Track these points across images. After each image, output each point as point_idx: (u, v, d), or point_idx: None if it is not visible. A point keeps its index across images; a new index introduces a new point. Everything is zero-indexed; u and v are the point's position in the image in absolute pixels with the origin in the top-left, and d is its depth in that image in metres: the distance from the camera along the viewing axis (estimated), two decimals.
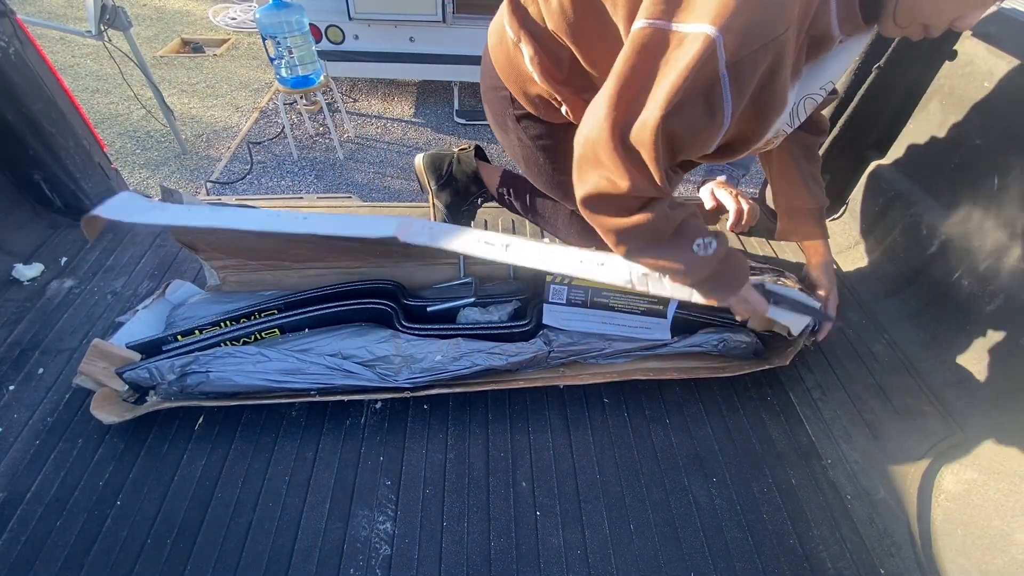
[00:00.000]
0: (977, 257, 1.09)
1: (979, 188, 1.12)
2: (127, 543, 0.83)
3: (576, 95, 0.97)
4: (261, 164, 3.29)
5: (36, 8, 4.96)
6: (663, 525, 0.90)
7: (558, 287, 1.07)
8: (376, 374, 1.00)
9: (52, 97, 1.30)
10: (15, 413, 0.99)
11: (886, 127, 1.37)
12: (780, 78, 0.73)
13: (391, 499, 0.91)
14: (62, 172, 1.33)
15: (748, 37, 0.66)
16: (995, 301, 1.04)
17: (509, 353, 1.04)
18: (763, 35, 0.66)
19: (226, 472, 0.93)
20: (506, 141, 1.19)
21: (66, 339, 1.12)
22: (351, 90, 4.13)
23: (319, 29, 3.29)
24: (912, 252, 1.25)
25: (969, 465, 0.96)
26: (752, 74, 0.70)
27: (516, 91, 1.06)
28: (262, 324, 1.02)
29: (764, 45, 0.67)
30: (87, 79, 3.92)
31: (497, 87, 1.09)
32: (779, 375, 1.16)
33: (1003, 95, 1.07)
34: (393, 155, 3.47)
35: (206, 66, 4.31)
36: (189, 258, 1.33)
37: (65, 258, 1.31)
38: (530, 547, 0.86)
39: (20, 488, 0.89)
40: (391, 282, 1.13)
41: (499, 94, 1.10)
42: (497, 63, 1.06)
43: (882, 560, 0.88)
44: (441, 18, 3.20)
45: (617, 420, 1.05)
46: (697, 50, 0.66)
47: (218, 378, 0.96)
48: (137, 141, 3.38)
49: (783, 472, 0.99)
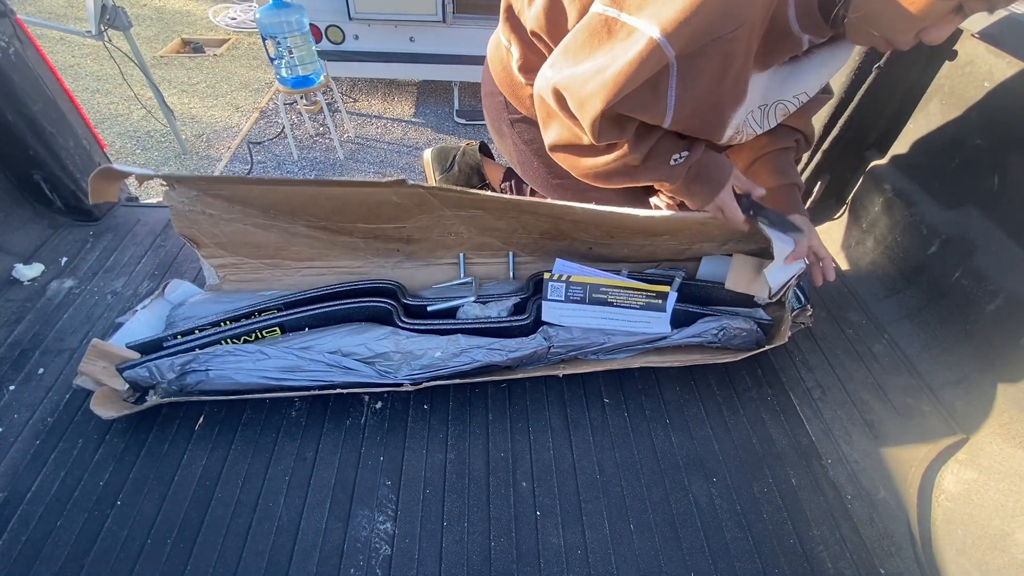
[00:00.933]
0: (977, 257, 1.09)
1: (979, 188, 1.12)
2: (127, 543, 0.83)
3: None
4: (261, 164, 3.29)
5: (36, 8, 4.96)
6: (663, 525, 0.90)
7: (556, 284, 1.08)
8: (376, 371, 1.01)
9: (52, 97, 1.30)
10: (15, 413, 0.99)
11: (886, 127, 1.37)
12: (731, 72, 0.74)
13: (391, 499, 0.91)
14: (62, 172, 1.33)
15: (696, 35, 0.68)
16: (995, 301, 1.04)
17: (509, 349, 1.04)
18: (711, 32, 0.68)
19: (226, 472, 0.93)
20: (502, 145, 1.22)
21: (66, 339, 1.12)
22: (351, 90, 4.13)
23: (319, 29, 3.29)
24: (912, 252, 1.25)
25: (969, 465, 0.96)
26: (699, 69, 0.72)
27: (510, 95, 1.08)
28: (262, 323, 1.02)
29: (713, 41, 0.69)
30: (87, 79, 3.92)
31: (494, 92, 1.12)
32: (779, 375, 1.16)
33: (1003, 95, 1.07)
34: (393, 155, 3.47)
35: (206, 66, 4.31)
36: (189, 258, 1.33)
37: (65, 258, 1.31)
38: (530, 547, 0.86)
39: (20, 488, 0.89)
40: (391, 282, 1.13)
41: (495, 99, 1.13)
42: (493, 69, 1.09)
43: (882, 560, 0.88)
44: (441, 18, 3.20)
45: (617, 420, 1.05)
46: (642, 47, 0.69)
47: (218, 376, 0.96)
48: (137, 141, 3.38)
49: (783, 472, 0.99)
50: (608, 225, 1.06)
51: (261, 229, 1.12)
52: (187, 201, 1.05)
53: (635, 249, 1.17)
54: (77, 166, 1.36)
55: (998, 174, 1.08)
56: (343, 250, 1.19)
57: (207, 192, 1.04)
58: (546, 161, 1.15)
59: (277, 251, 1.17)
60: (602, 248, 1.17)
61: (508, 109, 1.12)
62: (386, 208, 1.07)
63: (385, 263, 1.23)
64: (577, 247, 1.18)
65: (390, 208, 1.07)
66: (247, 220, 1.10)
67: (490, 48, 1.13)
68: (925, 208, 1.23)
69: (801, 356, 1.20)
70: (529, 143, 1.14)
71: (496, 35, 1.09)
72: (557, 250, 1.19)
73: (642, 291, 1.09)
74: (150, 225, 1.43)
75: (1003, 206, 1.07)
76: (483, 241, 1.21)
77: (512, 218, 1.11)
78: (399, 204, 1.06)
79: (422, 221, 1.13)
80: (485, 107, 1.20)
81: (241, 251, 1.16)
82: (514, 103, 1.09)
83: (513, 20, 0.98)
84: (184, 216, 1.07)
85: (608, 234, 1.12)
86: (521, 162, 1.20)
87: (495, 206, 1.07)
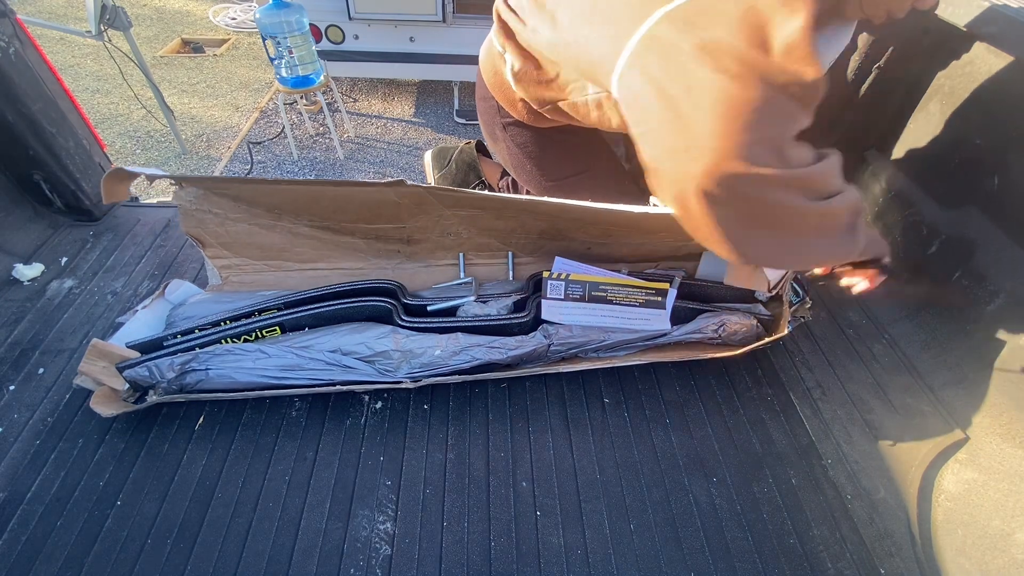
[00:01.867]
0: (977, 257, 1.09)
1: (979, 188, 1.12)
2: (127, 543, 0.83)
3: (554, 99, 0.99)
4: (261, 164, 3.29)
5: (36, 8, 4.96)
6: (663, 525, 0.90)
7: (556, 283, 1.08)
8: (375, 369, 1.01)
9: (52, 97, 1.30)
10: (15, 413, 0.99)
11: (886, 127, 1.37)
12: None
13: (391, 499, 0.91)
14: (62, 172, 1.33)
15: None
16: (995, 301, 1.04)
17: (509, 347, 1.04)
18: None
19: (226, 472, 0.93)
20: (496, 149, 1.23)
21: (66, 339, 1.12)
22: (351, 90, 4.13)
23: (319, 29, 3.29)
24: (912, 252, 1.25)
25: (969, 465, 0.96)
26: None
27: (503, 100, 1.09)
28: (262, 322, 1.02)
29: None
30: (87, 79, 3.92)
31: (486, 97, 1.13)
32: (779, 375, 1.16)
33: (1003, 95, 1.07)
34: (393, 155, 3.47)
35: (206, 66, 4.31)
36: (189, 258, 1.33)
37: (65, 258, 1.31)
38: (530, 547, 0.86)
39: (20, 488, 0.89)
40: (391, 282, 1.13)
41: (488, 104, 1.13)
42: (486, 75, 1.10)
43: (882, 560, 0.88)
44: (441, 18, 3.20)
45: (617, 420, 1.05)
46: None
47: (218, 375, 0.96)
48: (137, 141, 3.38)
49: (783, 472, 0.99)
50: (605, 223, 1.06)
51: (266, 230, 1.13)
52: (194, 200, 1.06)
53: (633, 248, 1.17)
54: (77, 166, 1.36)
55: (998, 174, 1.07)
56: (345, 252, 1.20)
57: (213, 191, 1.05)
58: (539, 163, 1.16)
59: (280, 252, 1.17)
60: (600, 248, 1.17)
61: (501, 113, 1.12)
62: (386, 208, 1.07)
63: (386, 265, 1.23)
64: (575, 247, 1.18)
65: (390, 208, 1.07)
66: (252, 220, 1.11)
67: (482, 53, 1.12)
68: (925, 208, 1.23)
69: (801, 356, 1.20)
70: (522, 146, 1.15)
71: (489, 41, 1.09)
72: (556, 250, 1.19)
73: (642, 288, 1.09)
74: (150, 225, 1.43)
75: (1003, 206, 1.07)
76: (482, 242, 1.21)
77: (510, 218, 1.12)
78: (399, 204, 1.07)
79: (422, 221, 1.14)
80: (479, 111, 1.21)
81: (245, 252, 1.17)
82: (507, 107, 1.09)
83: (506, 28, 0.98)
84: (191, 215, 1.08)
85: (605, 232, 1.12)
86: (515, 165, 1.20)
87: (492, 205, 1.07)
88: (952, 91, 1.18)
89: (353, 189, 1.03)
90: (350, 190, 1.03)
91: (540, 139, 1.13)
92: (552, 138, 1.12)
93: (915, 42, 1.22)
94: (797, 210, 0.68)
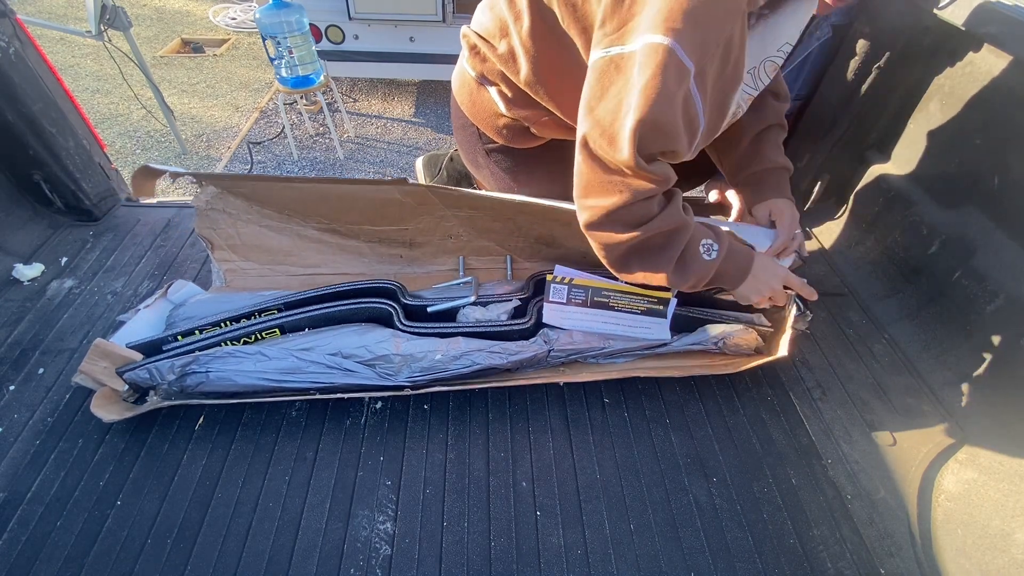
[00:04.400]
0: (977, 257, 1.09)
1: (979, 188, 1.12)
2: (127, 543, 0.83)
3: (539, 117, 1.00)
4: (261, 164, 3.29)
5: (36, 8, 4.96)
6: (663, 525, 0.90)
7: (558, 287, 1.08)
8: (376, 373, 1.00)
9: (52, 97, 1.30)
10: (15, 413, 0.99)
11: (886, 127, 1.37)
12: (732, 57, 0.73)
13: (391, 499, 0.91)
14: (62, 172, 1.33)
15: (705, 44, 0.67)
16: (995, 301, 1.04)
17: (509, 352, 1.04)
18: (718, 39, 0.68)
19: (226, 472, 0.93)
20: (480, 176, 1.23)
21: (66, 339, 1.12)
22: (351, 90, 4.13)
23: (319, 29, 3.29)
24: (912, 252, 1.25)
25: (969, 465, 0.96)
26: (711, 73, 0.71)
27: (484, 125, 1.09)
28: (263, 323, 1.02)
29: (718, 44, 0.68)
30: (87, 79, 3.92)
31: (465, 125, 1.12)
32: (779, 375, 1.16)
33: (1003, 95, 1.07)
34: (393, 155, 3.47)
35: (206, 66, 4.31)
36: (189, 258, 1.33)
37: (65, 258, 1.31)
38: (530, 547, 0.86)
39: (20, 488, 0.89)
40: (392, 282, 1.13)
41: (468, 132, 1.13)
42: (462, 102, 1.10)
43: (882, 560, 0.88)
44: (441, 18, 3.20)
45: (617, 420, 1.05)
46: (659, 58, 0.66)
47: (218, 378, 0.96)
48: (137, 141, 3.38)
49: (783, 472, 0.99)
50: None
51: (274, 232, 1.14)
52: (210, 200, 1.08)
53: None
54: (77, 166, 1.36)
55: (998, 174, 1.08)
56: (349, 256, 1.20)
57: (229, 190, 1.06)
58: (526, 186, 1.16)
59: (286, 256, 1.18)
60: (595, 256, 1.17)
61: (482, 140, 1.12)
62: (391, 207, 1.08)
63: (388, 270, 1.23)
64: (571, 255, 1.18)
65: (395, 207, 1.08)
66: (262, 221, 1.13)
67: (455, 81, 1.11)
68: (925, 208, 1.23)
69: (801, 356, 1.20)
70: (508, 171, 1.15)
71: (460, 69, 1.08)
72: (553, 257, 1.20)
73: (643, 296, 1.09)
74: (150, 225, 1.43)
75: (1003, 206, 1.07)
76: (482, 244, 1.21)
77: (508, 219, 1.12)
78: (403, 203, 1.07)
79: (423, 223, 1.14)
80: (458, 140, 1.19)
81: (252, 255, 1.17)
82: (489, 133, 1.09)
83: (479, 55, 0.98)
84: (206, 215, 1.10)
85: None
86: (501, 191, 1.20)
87: (490, 204, 1.09)
88: (952, 91, 1.18)
89: (359, 187, 1.05)
90: (356, 188, 1.05)
91: (526, 161, 1.12)
92: (539, 158, 1.12)
93: (915, 42, 1.22)
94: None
